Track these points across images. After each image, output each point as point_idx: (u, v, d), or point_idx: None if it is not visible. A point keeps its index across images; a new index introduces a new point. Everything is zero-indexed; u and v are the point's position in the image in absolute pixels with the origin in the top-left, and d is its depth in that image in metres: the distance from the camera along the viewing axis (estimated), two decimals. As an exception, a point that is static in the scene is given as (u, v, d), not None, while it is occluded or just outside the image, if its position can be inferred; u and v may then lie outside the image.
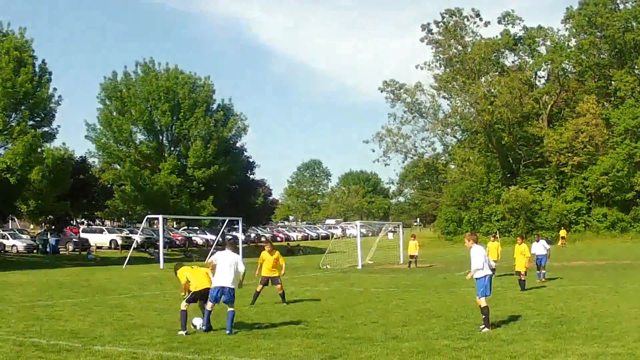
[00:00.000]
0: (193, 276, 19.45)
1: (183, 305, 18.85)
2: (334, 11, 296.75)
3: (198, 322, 19.08)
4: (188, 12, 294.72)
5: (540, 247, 34.88)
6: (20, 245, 74.32)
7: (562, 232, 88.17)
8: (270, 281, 26.24)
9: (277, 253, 26.68)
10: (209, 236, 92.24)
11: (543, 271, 33.65)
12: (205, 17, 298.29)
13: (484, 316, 18.87)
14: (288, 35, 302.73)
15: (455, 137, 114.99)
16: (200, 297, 19.29)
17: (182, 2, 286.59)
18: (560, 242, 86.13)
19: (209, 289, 19.02)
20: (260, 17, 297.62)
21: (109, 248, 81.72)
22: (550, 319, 20.24)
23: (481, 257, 19.20)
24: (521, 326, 18.98)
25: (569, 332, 17.82)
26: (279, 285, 26.22)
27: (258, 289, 26.12)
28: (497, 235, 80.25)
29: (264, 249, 26.81)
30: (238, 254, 20.76)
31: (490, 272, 19.53)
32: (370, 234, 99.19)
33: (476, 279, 19.28)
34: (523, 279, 30.67)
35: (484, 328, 18.56)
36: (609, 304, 23.79)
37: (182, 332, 18.36)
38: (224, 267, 19.01)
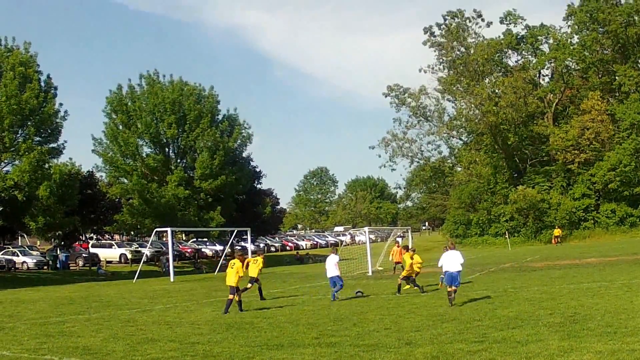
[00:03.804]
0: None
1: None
2: (332, 17, 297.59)
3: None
4: (188, 22, 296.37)
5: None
6: (30, 261, 74.35)
7: (556, 232, 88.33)
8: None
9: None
10: (219, 247, 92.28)
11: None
12: (205, 28, 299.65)
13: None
14: (288, 43, 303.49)
15: (461, 139, 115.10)
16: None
17: (183, 13, 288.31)
18: (554, 241, 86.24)
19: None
20: (259, 25, 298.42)
21: (119, 262, 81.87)
22: (564, 318, 20.13)
23: (441, 259, 26.47)
24: (535, 326, 18.86)
25: (583, 330, 17.71)
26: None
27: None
28: (507, 236, 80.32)
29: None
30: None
31: (449, 270, 25.94)
32: (379, 240, 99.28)
33: None
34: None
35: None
36: (622, 300, 23.65)
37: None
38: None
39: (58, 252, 77.11)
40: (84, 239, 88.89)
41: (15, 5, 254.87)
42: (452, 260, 26.14)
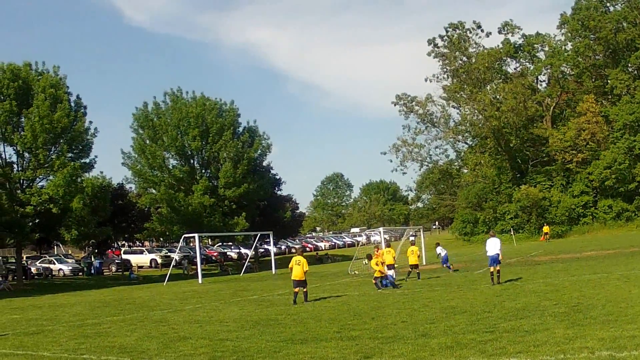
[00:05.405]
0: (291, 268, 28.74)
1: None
2: (339, 32, 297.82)
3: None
4: (204, 42, 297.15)
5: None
6: (66, 269, 74.72)
7: (545, 229, 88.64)
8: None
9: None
10: (243, 250, 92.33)
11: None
12: (220, 47, 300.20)
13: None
14: (298, 58, 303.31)
15: (466, 143, 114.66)
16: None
17: (198, 33, 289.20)
18: (542, 238, 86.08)
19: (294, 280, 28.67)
20: (270, 42, 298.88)
21: (150, 267, 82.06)
22: (568, 308, 20.10)
23: (486, 245, 31.95)
24: (541, 316, 18.84)
25: (586, 319, 17.72)
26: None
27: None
28: (512, 233, 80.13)
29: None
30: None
31: (490, 254, 31.03)
32: (393, 239, 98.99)
33: None
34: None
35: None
36: (621, 290, 23.61)
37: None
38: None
39: (92, 259, 77.45)
40: (116, 246, 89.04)
41: (46, 33, 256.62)
42: (492, 246, 31.10)
